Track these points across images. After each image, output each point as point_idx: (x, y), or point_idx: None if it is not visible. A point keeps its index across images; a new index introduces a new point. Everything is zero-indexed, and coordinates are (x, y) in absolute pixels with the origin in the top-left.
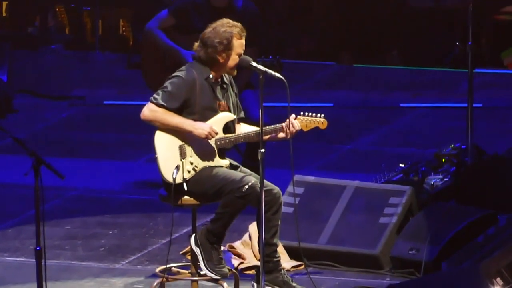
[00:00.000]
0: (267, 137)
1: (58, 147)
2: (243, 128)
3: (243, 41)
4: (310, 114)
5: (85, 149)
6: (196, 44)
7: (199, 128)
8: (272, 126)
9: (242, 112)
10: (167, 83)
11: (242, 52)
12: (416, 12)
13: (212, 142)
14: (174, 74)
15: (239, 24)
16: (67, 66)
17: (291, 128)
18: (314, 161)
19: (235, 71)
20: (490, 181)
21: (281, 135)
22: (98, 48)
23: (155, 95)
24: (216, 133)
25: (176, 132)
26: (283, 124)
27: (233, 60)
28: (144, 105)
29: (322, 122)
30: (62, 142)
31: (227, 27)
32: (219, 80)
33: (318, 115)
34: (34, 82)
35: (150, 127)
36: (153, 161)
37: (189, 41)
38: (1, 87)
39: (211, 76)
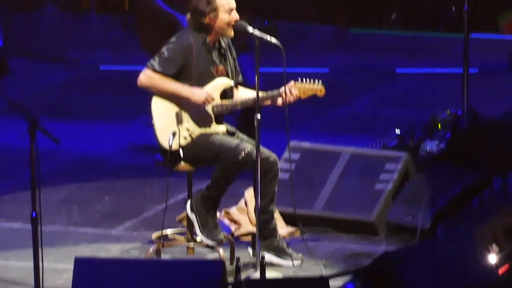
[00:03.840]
0: (265, 103)
1: (54, 109)
2: (242, 93)
3: None
4: (308, 80)
5: (81, 112)
6: (188, 15)
7: (196, 94)
8: (270, 92)
9: (241, 76)
10: (163, 49)
11: (232, 8)
12: None
13: (209, 108)
14: (171, 39)
15: None
16: (62, 28)
17: (289, 96)
18: (310, 123)
19: (231, 31)
20: (485, 144)
21: (279, 101)
22: (94, 9)
23: (151, 61)
24: (213, 99)
25: (173, 98)
26: (280, 91)
27: (223, 19)
28: (140, 70)
29: (320, 90)
30: (58, 105)
31: None
32: (216, 44)
33: (316, 81)
34: (30, 44)
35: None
36: (149, 124)
37: (184, 4)
38: None
39: (207, 40)
